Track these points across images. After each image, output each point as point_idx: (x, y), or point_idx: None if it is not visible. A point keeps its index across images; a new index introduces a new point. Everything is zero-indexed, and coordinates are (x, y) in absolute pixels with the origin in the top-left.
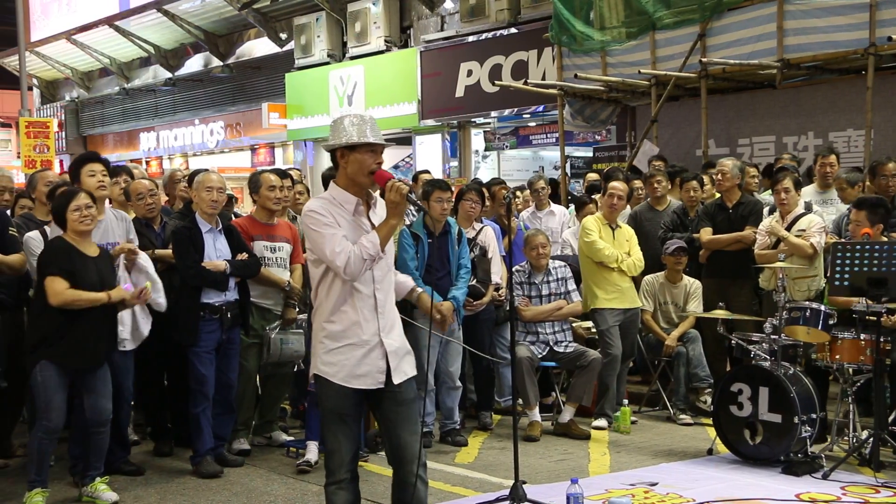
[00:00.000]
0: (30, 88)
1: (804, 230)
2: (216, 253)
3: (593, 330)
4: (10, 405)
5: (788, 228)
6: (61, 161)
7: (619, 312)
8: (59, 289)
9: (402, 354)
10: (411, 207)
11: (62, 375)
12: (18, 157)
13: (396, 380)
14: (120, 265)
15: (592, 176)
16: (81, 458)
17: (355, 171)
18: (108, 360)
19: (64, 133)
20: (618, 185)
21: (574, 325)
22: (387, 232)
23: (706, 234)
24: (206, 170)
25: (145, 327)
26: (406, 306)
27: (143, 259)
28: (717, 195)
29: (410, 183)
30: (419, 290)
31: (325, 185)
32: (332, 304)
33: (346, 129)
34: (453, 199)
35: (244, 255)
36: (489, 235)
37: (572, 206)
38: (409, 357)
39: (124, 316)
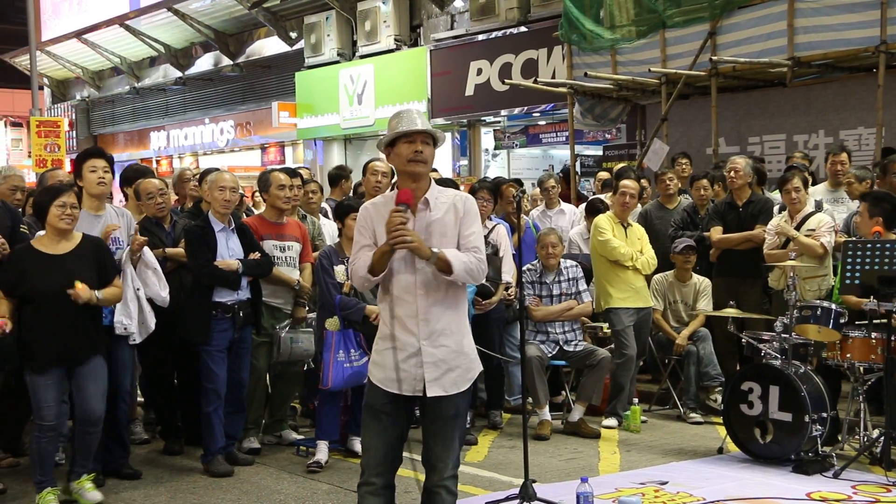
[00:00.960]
0: (41, 88)
1: (813, 230)
2: (229, 252)
3: (606, 329)
4: (19, 404)
5: (798, 228)
6: (72, 160)
7: (634, 312)
8: None
9: (444, 368)
10: None
11: (48, 373)
12: (29, 156)
13: (430, 392)
14: (126, 260)
15: (604, 175)
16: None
17: (397, 165)
18: (96, 358)
19: (75, 132)
20: (629, 184)
21: (588, 324)
22: (378, 256)
23: (716, 232)
24: (218, 169)
25: (151, 320)
26: None
27: (149, 256)
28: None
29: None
30: None
31: (332, 184)
32: (382, 307)
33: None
34: None
35: (256, 255)
36: (501, 234)
37: (582, 205)
38: (455, 372)
39: (131, 308)
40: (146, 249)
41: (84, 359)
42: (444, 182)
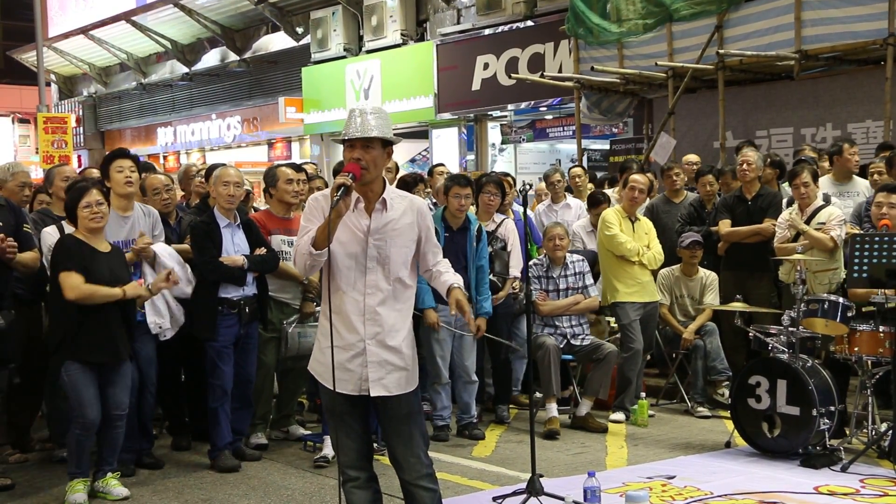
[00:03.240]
0: (48, 84)
1: (824, 223)
2: (234, 248)
3: (613, 324)
4: (28, 400)
5: (808, 221)
6: (79, 156)
7: (640, 306)
8: (75, 283)
9: (389, 368)
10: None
11: (88, 371)
12: (37, 152)
13: (374, 392)
14: (142, 260)
15: (577, 171)
16: (96, 453)
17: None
18: (129, 354)
19: (82, 128)
20: (639, 178)
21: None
22: (321, 227)
23: (725, 226)
24: (224, 164)
25: (180, 315)
26: None
27: (164, 254)
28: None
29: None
30: (456, 292)
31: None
32: (326, 302)
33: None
34: (471, 195)
35: (262, 250)
36: (509, 228)
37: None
38: (400, 373)
39: (158, 305)
40: (162, 246)
41: (123, 356)
42: (454, 179)
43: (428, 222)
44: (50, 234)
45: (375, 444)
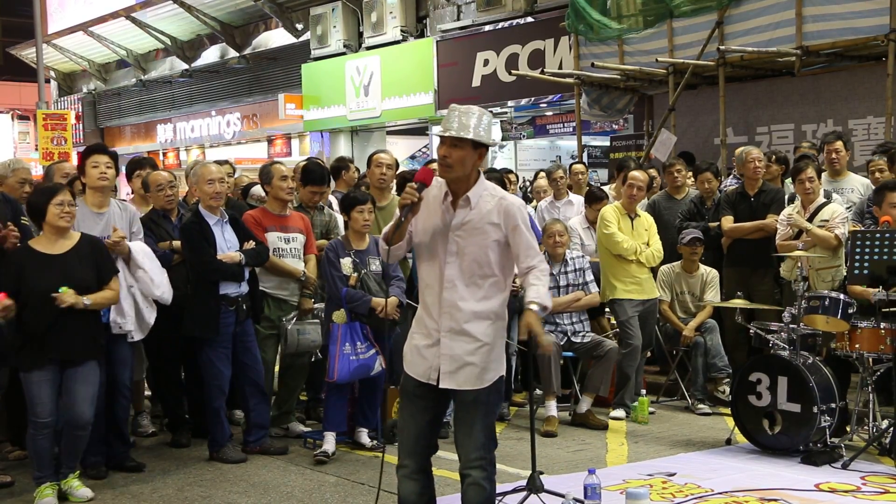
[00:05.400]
0: (47, 81)
1: (827, 220)
2: (226, 244)
3: (613, 321)
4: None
5: (811, 218)
6: (79, 153)
7: (638, 303)
8: None
9: (460, 362)
10: None
11: (45, 370)
12: (36, 149)
13: (442, 384)
14: (118, 257)
15: (578, 167)
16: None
17: None
18: (90, 362)
19: (81, 125)
20: (638, 175)
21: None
22: (390, 226)
23: (727, 221)
24: (202, 162)
25: (150, 316)
26: None
27: (141, 254)
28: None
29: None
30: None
31: (335, 177)
32: (420, 291)
33: None
34: None
35: (251, 243)
36: None
37: None
38: (470, 368)
39: (125, 307)
40: (141, 245)
41: (79, 360)
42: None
43: (516, 223)
44: None
45: (375, 441)
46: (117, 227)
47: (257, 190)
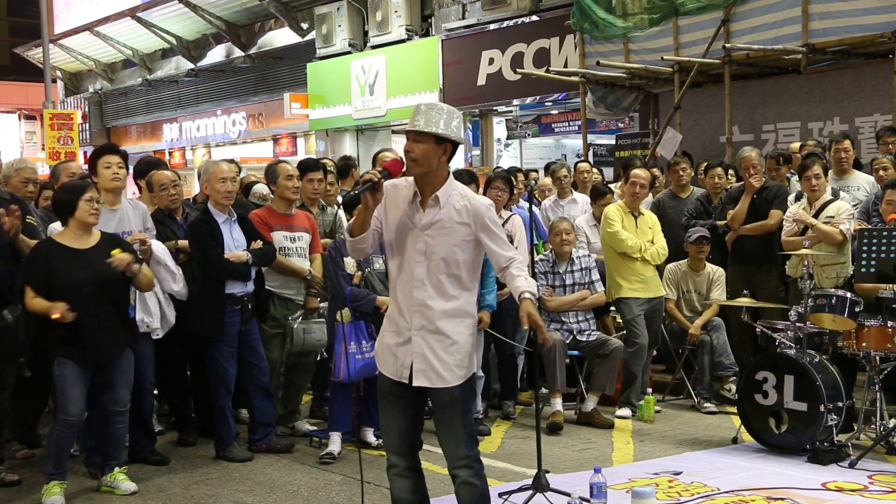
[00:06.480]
0: (54, 81)
1: (833, 217)
2: (234, 243)
3: (618, 319)
4: (35, 396)
5: (816, 215)
6: (85, 153)
7: (644, 301)
8: (27, 298)
9: (432, 360)
10: None
11: (79, 369)
12: (43, 148)
13: (415, 382)
14: (143, 258)
15: (583, 165)
16: (96, 450)
17: None
18: (125, 351)
19: (88, 125)
20: (640, 173)
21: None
22: (356, 217)
23: (732, 214)
24: (213, 161)
25: (171, 314)
26: None
27: (160, 251)
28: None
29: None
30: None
31: (342, 176)
32: (390, 289)
33: None
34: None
35: (258, 243)
36: (516, 224)
37: None
38: (443, 366)
39: (150, 305)
40: (156, 244)
41: (116, 353)
42: (459, 174)
43: (485, 223)
44: (57, 230)
45: (381, 440)
46: (131, 225)
47: (258, 188)
